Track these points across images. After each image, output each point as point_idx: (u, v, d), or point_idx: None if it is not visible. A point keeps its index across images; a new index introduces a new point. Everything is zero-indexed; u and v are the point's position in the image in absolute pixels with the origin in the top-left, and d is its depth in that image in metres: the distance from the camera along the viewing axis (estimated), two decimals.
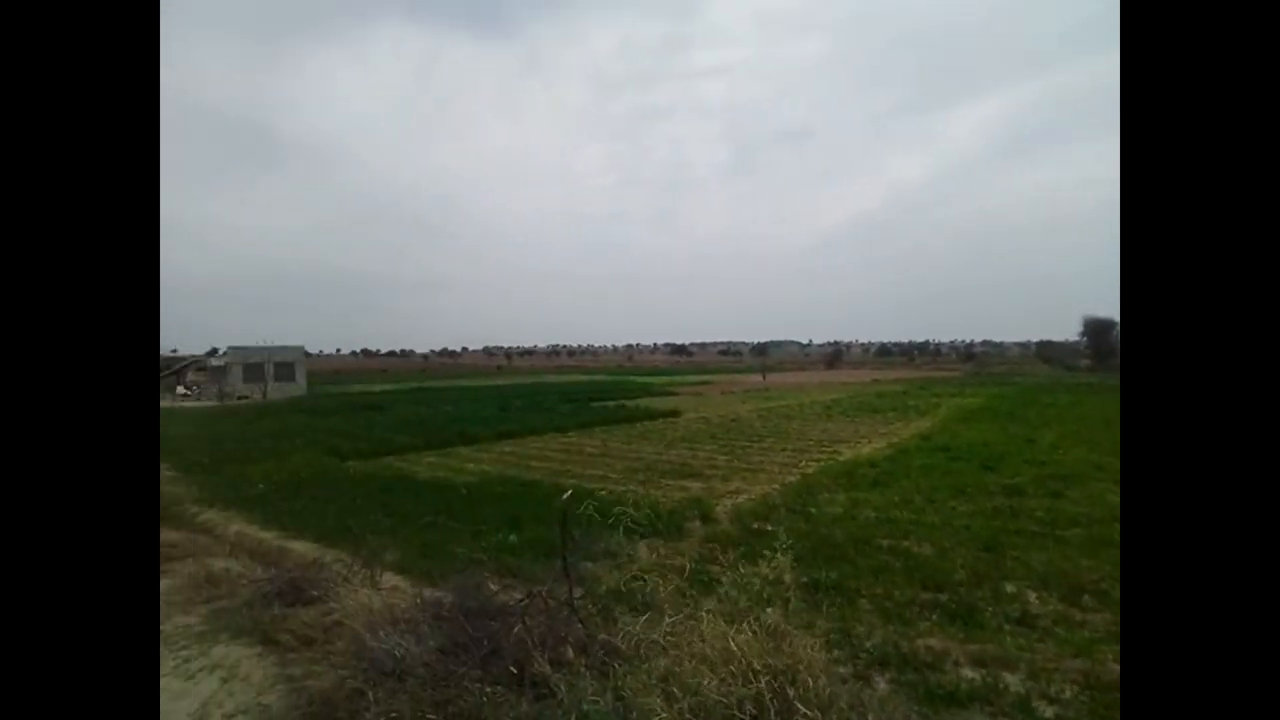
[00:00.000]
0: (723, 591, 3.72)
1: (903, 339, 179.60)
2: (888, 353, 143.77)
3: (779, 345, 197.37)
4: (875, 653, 4.82)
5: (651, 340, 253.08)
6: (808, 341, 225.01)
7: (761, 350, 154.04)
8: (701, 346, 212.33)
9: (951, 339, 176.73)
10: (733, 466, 13.72)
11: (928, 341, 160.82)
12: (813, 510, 9.56)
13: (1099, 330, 63.21)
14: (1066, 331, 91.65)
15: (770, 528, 8.52)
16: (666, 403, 30.97)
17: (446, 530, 7.48)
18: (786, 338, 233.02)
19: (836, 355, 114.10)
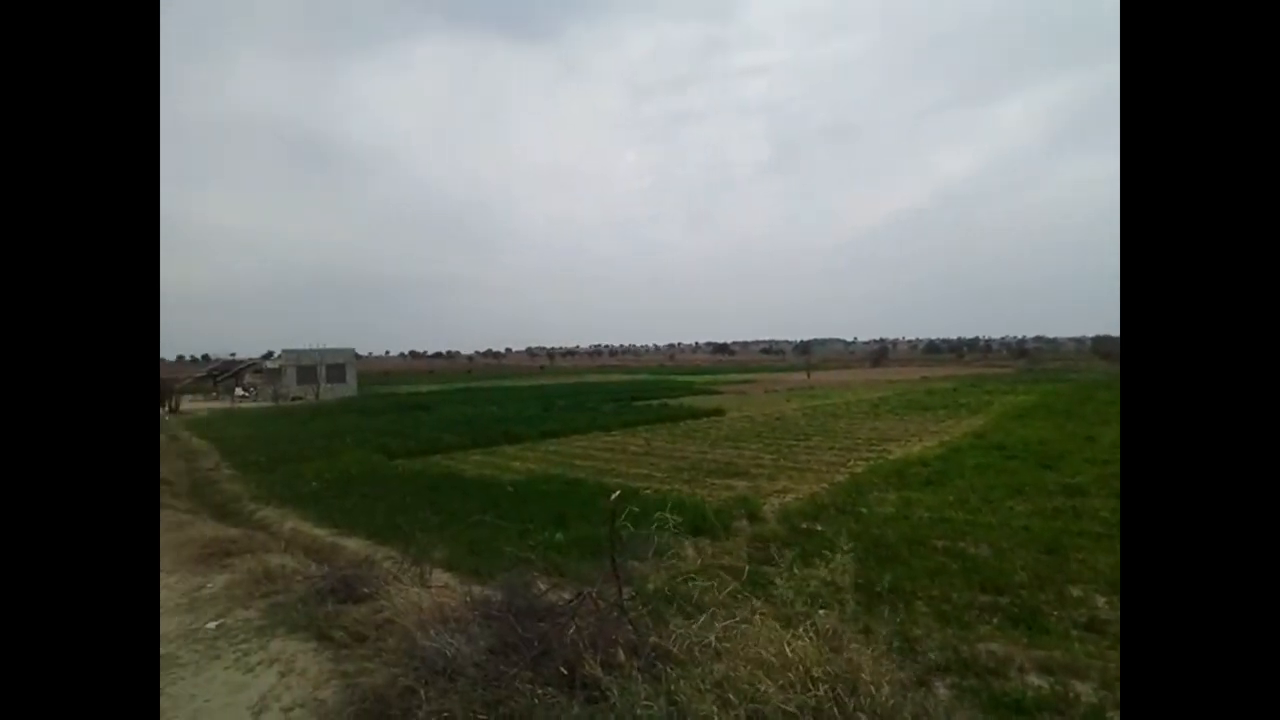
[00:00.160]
0: (777, 594, 3.61)
1: (951, 335, 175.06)
2: (935, 349, 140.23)
3: (823, 343, 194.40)
4: (935, 658, 4.65)
5: (693, 339, 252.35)
6: (852, 339, 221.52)
7: (805, 348, 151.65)
8: (743, 345, 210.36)
9: (1002, 335, 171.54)
10: (779, 465, 13.52)
11: (977, 338, 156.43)
12: (863, 510, 9.33)
13: None
14: None
15: (820, 528, 8.33)
16: (710, 401, 30.78)
17: (494, 528, 7.53)
18: (830, 335, 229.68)
19: (882, 352, 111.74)
